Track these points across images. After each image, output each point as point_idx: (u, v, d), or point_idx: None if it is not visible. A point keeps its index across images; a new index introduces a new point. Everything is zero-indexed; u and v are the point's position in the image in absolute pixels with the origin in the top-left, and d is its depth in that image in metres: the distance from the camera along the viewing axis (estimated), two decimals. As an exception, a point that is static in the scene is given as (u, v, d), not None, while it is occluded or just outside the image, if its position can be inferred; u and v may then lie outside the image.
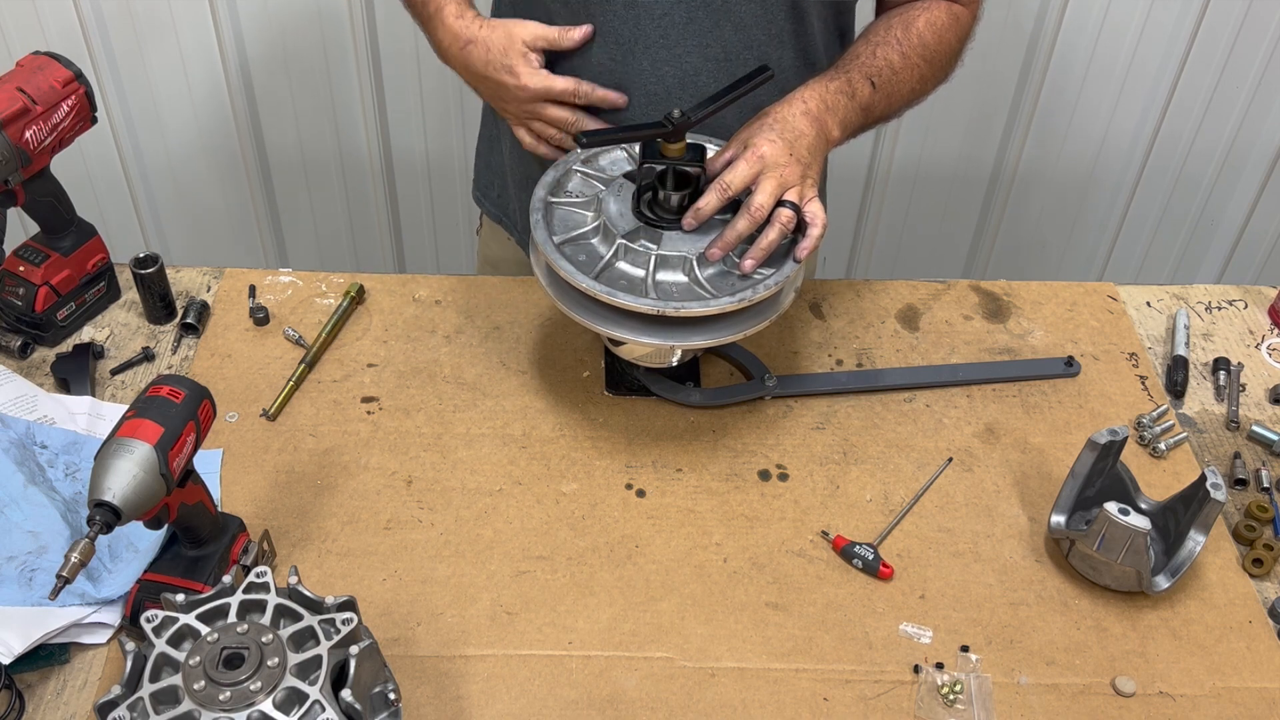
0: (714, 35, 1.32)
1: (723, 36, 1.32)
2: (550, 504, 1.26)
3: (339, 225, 2.43)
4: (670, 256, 1.20)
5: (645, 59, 1.33)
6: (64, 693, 1.09)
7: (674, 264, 1.20)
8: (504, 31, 1.30)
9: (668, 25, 1.31)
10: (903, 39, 1.34)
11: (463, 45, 1.30)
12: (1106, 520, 1.14)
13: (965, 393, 1.41)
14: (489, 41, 1.29)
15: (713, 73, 1.33)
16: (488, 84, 1.33)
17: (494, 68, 1.30)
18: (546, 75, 1.30)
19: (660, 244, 1.21)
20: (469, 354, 1.42)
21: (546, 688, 1.10)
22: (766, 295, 1.18)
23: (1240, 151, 2.36)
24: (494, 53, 1.29)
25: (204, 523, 1.10)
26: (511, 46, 1.29)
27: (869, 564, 1.21)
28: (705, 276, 1.20)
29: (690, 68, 1.33)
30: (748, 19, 1.32)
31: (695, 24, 1.31)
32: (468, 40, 1.30)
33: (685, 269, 1.20)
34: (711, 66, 1.33)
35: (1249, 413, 1.40)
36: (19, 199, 1.32)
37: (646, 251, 1.20)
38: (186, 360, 1.41)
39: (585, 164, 1.32)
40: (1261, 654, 1.16)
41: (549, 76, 1.30)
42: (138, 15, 2.07)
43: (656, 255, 1.20)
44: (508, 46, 1.29)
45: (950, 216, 2.46)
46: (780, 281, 1.19)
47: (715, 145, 1.33)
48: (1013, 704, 1.11)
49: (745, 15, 1.31)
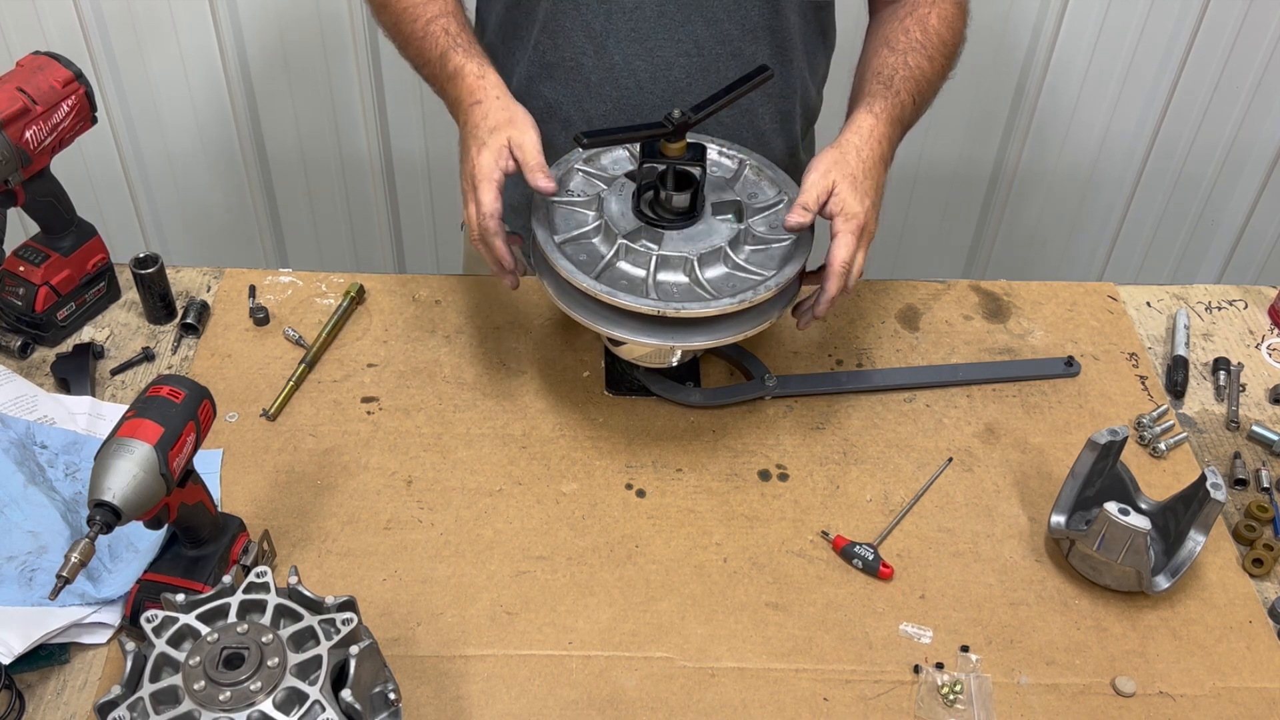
0: (685, 29, 1.33)
1: (694, 30, 1.33)
2: (550, 504, 1.26)
3: (339, 225, 2.43)
4: (671, 257, 1.20)
5: (617, 52, 1.34)
6: (64, 693, 1.09)
7: (675, 264, 1.20)
8: (508, 117, 1.21)
9: (639, 18, 1.32)
10: (925, 41, 1.33)
11: (472, 102, 1.24)
12: (1106, 520, 1.14)
13: (965, 393, 1.41)
14: (490, 112, 1.22)
15: (685, 66, 1.34)
16: (462, 144, 1.25)
17: (474, 136, 1.22)
18: (494, 188, 1.19)
19: (661, 244, 1.21)
20: (469, 354, 1.42)
21: (546, 688, 1.10)
22: (767, 296, 1.18)
23: (1240, 151, 2.36)
24: (485, 124, 1.21)
25: (204, 523, 1.10)
26: (500, 131, 1.20)
27: (869, 564, 1.21)
28: (706, 278, 1.20)
29: (662, 61, 1.34)
30: (719, 12, 1.32)
31: (666, 17, 1.32)
32: (477, 101, 1.24)
33: (686, 269, 1.20)
34: (684, 60, 1.34)
35: (1249, 413, 1.40)
36: (19, 199, 1.32)
37: (648, 252, 1.20)
38: (186, 360, 1.41)
39: (587, 163, 1.32)
40: (1261, 654, 1.16)
41: (493, 192, 1.19)
42: (138, 15, 2.07)
43: (658, 256, 1.20)
44: (497, 128, 1.20)
45: (950, 216, 2.46)
46: (781, 283, 1.19)
47: (715, 146, 1.33)
48: (1013, 704, 1.11)
49: (717, 9, 1.32)
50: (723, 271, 1.21)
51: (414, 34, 1.31)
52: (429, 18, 1.30)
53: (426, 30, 1.29)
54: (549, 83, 1.41)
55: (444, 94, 1.30)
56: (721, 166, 1.32)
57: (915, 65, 1.31)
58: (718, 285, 1.20)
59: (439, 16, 1.30)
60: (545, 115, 1.41)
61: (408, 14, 1.31)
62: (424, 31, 1.30)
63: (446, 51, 1.27)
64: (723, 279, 1.21)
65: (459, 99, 1.26)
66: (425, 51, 1.30)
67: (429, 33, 1.29)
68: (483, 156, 1.19)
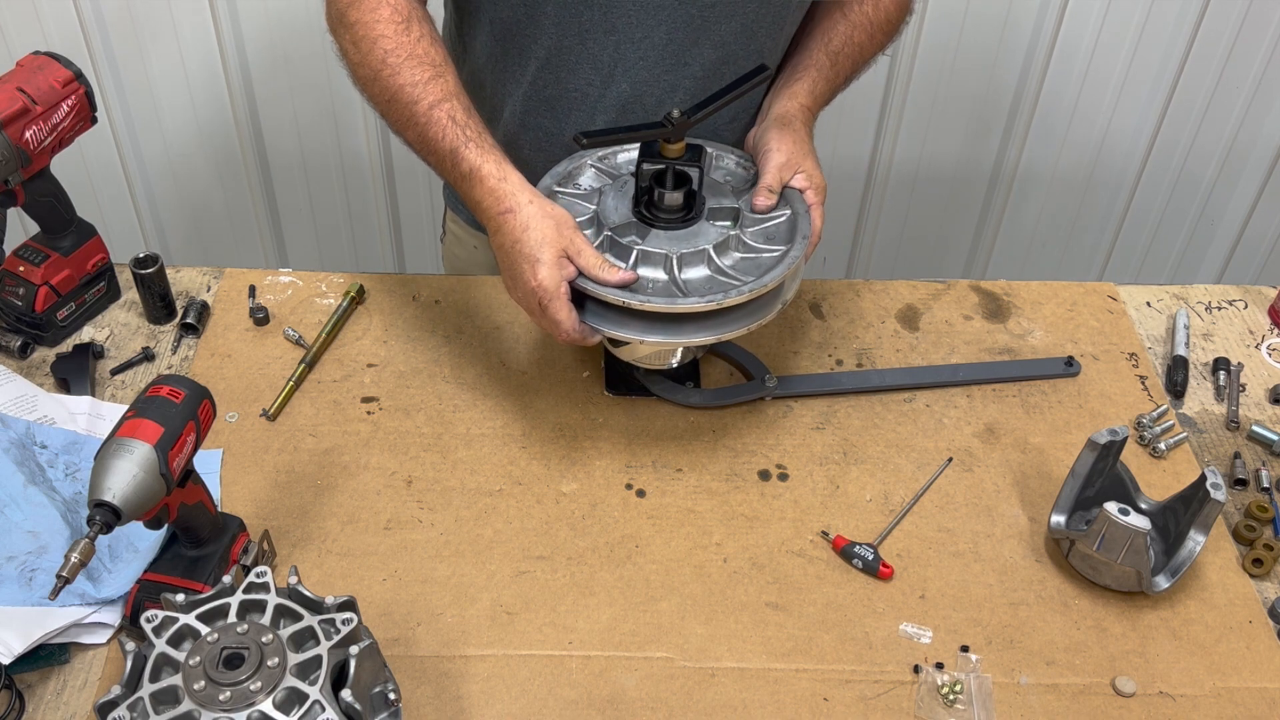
0: (693, 52, 1.32)
1: (702, 53, 1.32)
2: (550, 504, 1.26)
3: (339, 225, 2.44)
4: (652, 253, 1.20)
5: (625, 81, 1.33)
6: (64, 693, 1.09)
7: (655, 260, 1.20)
8: (552, 225, 1.15)
9: (647, 47, 1.30)
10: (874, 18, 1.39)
11: (502, 211, 1.16)
12: (1106, 520, 1.14)
13: (965, 393, 1.41)
14: (530, 223, 1.15)
15: (690, 88, 1.34)
16: (507, 259, 1.18)
17: (521, 254, 1.15)
18: (566, 303, 1.16)
19: (645, 240, 1.21)
20: (469, 354, 1.42)
21: (546, 688, 1.10)
22: (738, 301, 1.17)
23: (1240, 151, 2.36)
24: (529, 239, 1.15)
25: (204, 523, 1.10)
26: (550, 244, 1.15)
27: (869, 564, 1.21)
28: (685, 278, 1.20)
29: (668, 85, 1.33)
30: (727, 36, 1.31)
31: (675, 44, 1.30)
32: (508, 210, 1.16)
33: (665, 267, 1.20)
34: (690, 83, 1.34)
35: (1249, 413, 1.40)
36: (19, 199, 1.32)
37: (630, 245, 1.20)
38: (186, 360, 1.41)
39: (601, 160, 1.32)
40: (1261, 654, 1.16)
41: (567, 306, 1.16)
42: (138, 15, 2.07)
43: (639, 250, 1.20)
44: (545, 241, 1.15)
45: (950, 216, 2.46)
46: (755, 290, 1.18)
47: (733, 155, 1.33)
48: (1013, 704, 1.11)
49: (725, 33, 1.31)
50: (704, 274, 1.21)
51: (413, 118, 1.20)
52: (431, 101, 1.18)
53: (430, 116, 1.18)
54: (548, 115, 1.39)
55: (456, 187, 1.21)
56: (737, 176, 1.32)
57: (859, 43, 1.36)
58: (696, 286, 1.19)
59: (442, 100, 1.19)
60: (543, 143, 1.40)
61: (404, 94, 1.19)
62: (427, 117, 1.18)
63: (458, 148, 1.18)
64: (703, 281, 1.20)
65: (480, 203, 1.18)
66: (430, 140, 1.19)
67: (433, 119, 1.18)
68: (543, 275, 1.14)
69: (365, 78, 1.22)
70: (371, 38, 1.20)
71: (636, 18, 1.28)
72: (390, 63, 1.20)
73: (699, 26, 1.29)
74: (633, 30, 1.29)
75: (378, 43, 1.20)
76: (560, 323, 1.17)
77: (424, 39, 1.21)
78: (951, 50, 2.16)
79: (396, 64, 1.20)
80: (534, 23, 1.30)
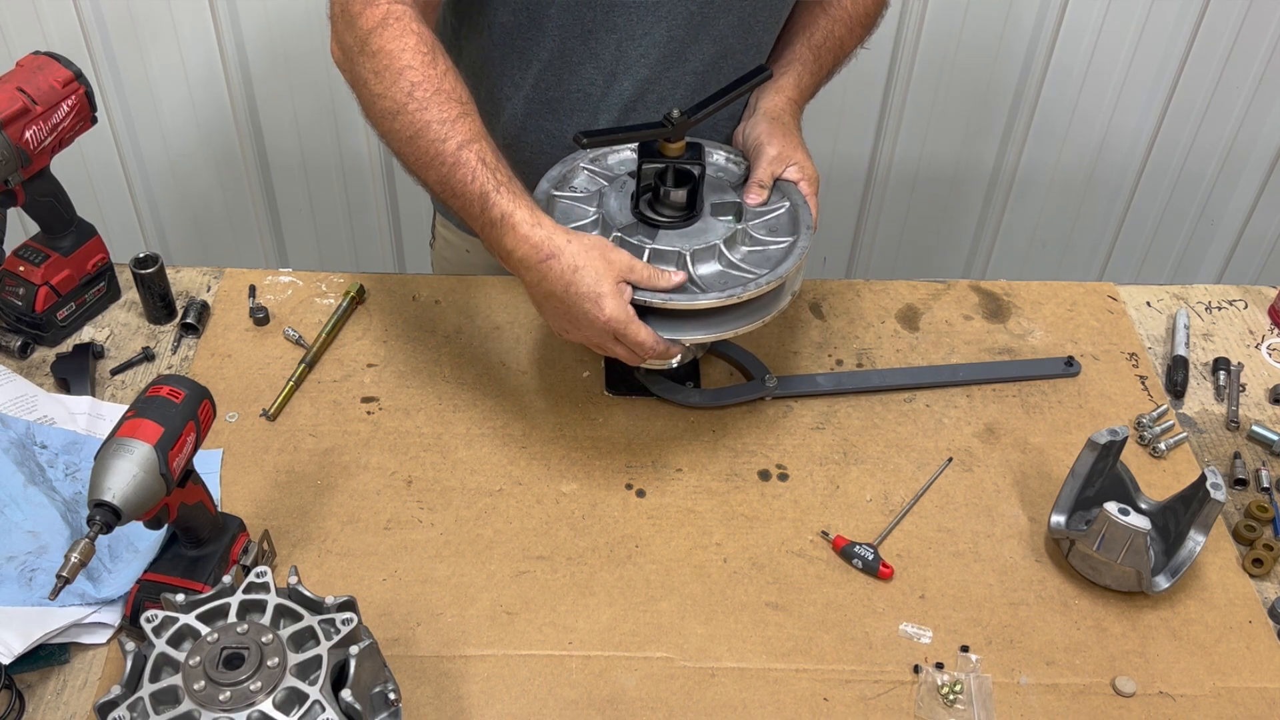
0: (694, 50, 1.33)
1: (702, 49, 1.33)
2: (550, 504, 1.26)
3: (339, 225, 2.43)
4: (665, 251, 1.20)
5: (627, 80, 1.33)
6: (64, 693, 1.09)
7: (668, 258, 1.20)
8: (600, 257, 1.12)
9: (648, 45, 1.31)
10: (853, 13, 1.41)
11: (543, 259, 1.12)
12: (1106, 520, 1.14)
13: (965, 393, 1.41)
14: (578, 262, 1.11)
15: (690, 84, 1.35)
16: (563, 303, 1.14)
17: (579, 294, 1.12)
18: (639, 323, 1.15)
19: (655, 239, 1.21)
20: (469, 354, 1.42)
21: (546, 688, 1.10)
22: (757, 293, 1.18)
23: (1240, 151, 2.36)
24: (584, 278, 1.12)
25: (204, 523, 1.10)
26: (606, 277, 1.12)
27: (869, 564, 1.21)
28: (699, 274, 1.20)
29: (669, 82, 1.34)
30: (727, 32, 1.33)
31: (676, 41, 1.32)
32: (550, 255, 1.11)
33: (679, 264, 1.20)
34: (690, 79, 1.35)
35: (1249, 413, 1.40)
36: (19, 199, 1.32)
37: (641, 245, 1.20)
38: (186, 360, 1.41)
39: (593, 162, 1.32)
40: (1261, 654, 1.16)
41: (641, 326, 1.15)
42: (138, 15, 2.07)
43: (651, 249, 1.20)
44: (601, 275, 1.12)
45: (950, 216, 2.46)
46: (772, 281, 1.19)
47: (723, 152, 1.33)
48: (1013, 704, 1.11)
49: (725, 29, 1.32)
50: (716, 269, 1.21)
51: (439, 156, 1.13)
52: (460, 141, 1.12)
53: (459, 157, 1.12)
54: (551, 116, 1.38)
55: (481, 232, 1.16)
56: (728, 172, 1.33)
57: (839, 37, 1.39)
58: (710, 282, 1.20)
59: (471, 141, 1.13)
60: (545, 145, 1.40)
61: (430, 131, 1.12)
62: (455, 158, 1.12)
63: (488, 193, 1.12)
64: (716, 276, 1.21)
65: (514, 251, 1.13)
66: (457, 182, 1.13)
67: (461, 160, 1.12)
68: (610, 309, 1.12)
69: (387, 111, 1.14)
70: (397, 68, 1.13)
71: (638, 15, 1.28)
72: (417, 96, 1.13)
73: (698, 23, 1.30)
74: (634, 28, 1.29)
75: (403, 74, 1.13)
76: (644, 343, 1.14)
77: (449, 73, 1.15)
78: (951, 50, 2.16)
79: (424, 98, 1.13)
80: (537, 25, 1.30)
